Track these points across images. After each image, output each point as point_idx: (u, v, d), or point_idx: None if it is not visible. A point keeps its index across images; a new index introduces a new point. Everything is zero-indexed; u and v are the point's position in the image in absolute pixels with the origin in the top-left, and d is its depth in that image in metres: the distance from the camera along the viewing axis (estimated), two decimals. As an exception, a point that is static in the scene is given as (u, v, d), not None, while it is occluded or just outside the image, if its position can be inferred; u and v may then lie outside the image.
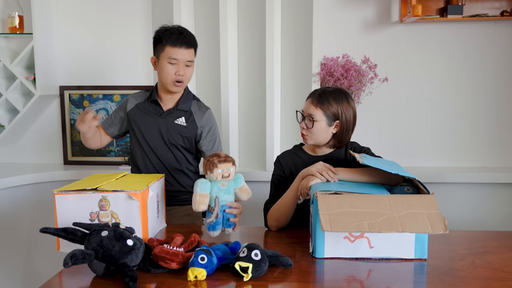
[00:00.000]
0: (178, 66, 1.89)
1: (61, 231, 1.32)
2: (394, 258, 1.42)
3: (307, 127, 1.73)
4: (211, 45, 2.61)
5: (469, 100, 2.65)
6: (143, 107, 2.01)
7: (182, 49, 1.88)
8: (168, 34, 1.87)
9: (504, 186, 2.54)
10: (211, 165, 1.54)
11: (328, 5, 2.62)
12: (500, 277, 1.30)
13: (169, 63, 1.88)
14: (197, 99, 2.06)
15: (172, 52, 1.87)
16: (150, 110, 2.00)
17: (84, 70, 2.82)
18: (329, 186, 1.50)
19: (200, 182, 1.54)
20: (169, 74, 1.89)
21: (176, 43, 1.86)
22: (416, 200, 1.41)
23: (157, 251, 1.32)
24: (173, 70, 1.89)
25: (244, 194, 1.62)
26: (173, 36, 1.86)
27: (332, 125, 1.73)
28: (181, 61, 1.89)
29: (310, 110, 1.73)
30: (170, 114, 1.98)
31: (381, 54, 2.63)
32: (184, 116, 1.98)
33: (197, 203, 1.53)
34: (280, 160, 1.85)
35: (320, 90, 1.76)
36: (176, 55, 1.87)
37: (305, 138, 1.77)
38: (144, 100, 2.03)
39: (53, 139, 2.89)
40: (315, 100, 1.73)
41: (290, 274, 1.32)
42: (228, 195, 1.57)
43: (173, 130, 1.97)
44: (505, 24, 2.57)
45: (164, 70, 1.90)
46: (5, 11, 2.72)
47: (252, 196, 1.63)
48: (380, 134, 2.69)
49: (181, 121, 1.98)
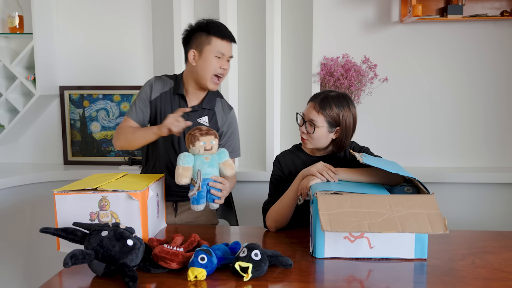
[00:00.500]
0: (223, 60, 1.82)
1: (61, 231, 1.32)
2: (394, 258, 1.42)
3: (308, 132, 1.72)
4: (211, 45, 2.60)
5: (469, 100, 2.65)
6: (168, 98, 1.90)
7: (229, 44, 1.82)
8: (214, 26, 1.79)
9: (504, 186, 2.54)
10: (192, 138, 1.53)
11: (328, 5, 2.62)
12: (500, 277, 1.30)
13: (215, 56, 1.80)
14: (221, 96, 1.99)
15: (220, 45, 1.80)
16: (174, 103, 1.89)
17: (84, 70, 2.82)
18: (329, 186, 1.50)
19: (183, 156, 1.54)
20: (214, 67, 1.80)
21: (224, 36, 1.80)
22: (416, 200, 1.41)
23: (157, 251, 1.32)
24: (218, 64, 1.81)
25: (228, 169, 1.59)
26: (220, 28, 1.79)
27: (332, 132, 1.73)
28: (226, 56, 1.83)
29: (311, 115, 1.71)
30: (194, 111, 1.88)
31: (381, 54, 2.63)
32: (208, 115, 1.91)
33: (179, 176, 1.52)
34: (280, 160, 1.84)
35: (323, 94, 1.73)
36: (224, 49, 1.81)
37: (304, 143, 1.77)
38: (169, 89, 1.91)
39: (53, 139, 2.89)
40: (318, 105, 1.71)
41: (290, 274, 1.32)
42: (211, 168, 1.55)
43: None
44: (505, 24, 2.57)
45: (210, 64, 1.80)
46: (5, 11, 2.72)
47: (252, 196, 1.64)
48: (380, 134, 2.69)
49: (204, 120, 1.90)
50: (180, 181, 1.53)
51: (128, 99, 2.80)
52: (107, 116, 2.82)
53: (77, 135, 2.85)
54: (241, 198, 2.48)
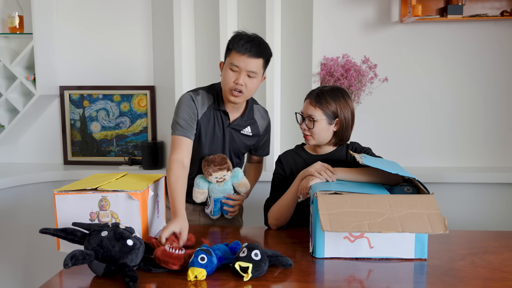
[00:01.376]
0: (240, 74, 1.71)
1: (60, 232, 1.32)
2: (394, 258, 1.42)
3: (308, 127, 1.74)
4: (211, 45, 2.61)
5: (469, 100, 2.65)
6: (210, 115, 1.82)
7: (245, 57, 1.69)
8: (237, 39, 1.72)
9: (504, 186, 2.54)
10: (206, 173, 1.77)
11: (328, 5, 2.62)
12: (500, 277, 1.30)
13: (230, 69, 1.72)
14: (255, 101, 1.96)
15: (235, 58, 1.70)
16: (217, 119, 1.83)
17: (84, 70, 2.82)
18: (329, 186, 1.50)
19: (198, 181, 1.82)
20: (227, 81, 1.72)
21: (241, 49, 1.69)
22: (416, 200, 1.41)
23: (159, 254, 1.32)
24: (233, 77, 1.72)
25: (242, 188, 1.85)
26: (240, 42, 1.71)
27: (332, 124, 1.74)
28: (243, 69, 1.70)
29: (309, 110, 1.74)
30: (238, 125, 1.86)
31: (381, 54, 2.63)
32: (250, 125, 1.89)
33: (195, 197, 1.82)
34: (282, 159, 1.86)
35: (317, 90, 1.77)
36: (238, 62, 1.70)
37: (307, 139, 1.77)
38: (211, 105, 1.83)
39: (53, 139, 2.89)
40: (313, 100, 1.73)
41: (290, 274, 1.32)
42: (223, 192, 1.82)
43: (239, 140, 1.87)
44: (505, 24, 2.57)
45: (224, 76, 1.74)
46: (5, 11, 2.72)
47: (252, 196, 1.65)
48: (380, 134, 2.69)
49: (247, 131, 1.88)
50: (196, 200, 1.83)
51: (128, 99, 2.80)
52: (107, 116, 2.82)
53: (77, 135, 2.85)
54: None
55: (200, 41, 2.65)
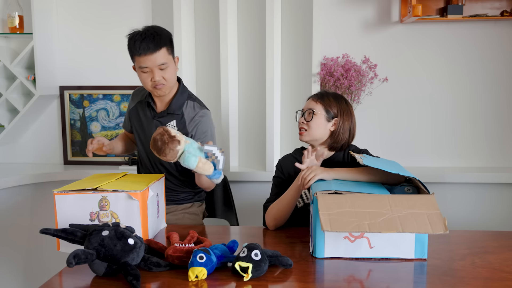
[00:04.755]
0: (152, 72, 1.76)
1: (60, 232, 1.32)
2: (394, 258, 1.42)
3: (306, 120, 1.76)
4: (211, 45, 2.61)
5: (469, 100, 2.65)
6: (140, 108, 1.97)
7: (148, 56, 1.73)
8: (132, 43, 1.75)
9: (504, 186, 2.54)
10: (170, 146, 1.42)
11: (328, 5, 2.62)
12: (500, 277, 1.30)
13: (142, 72, 1.78)
14: (193, 98, 1.95)
15: (140, 61, 1.75)
16: (145, 111, 1.95)
17: (84, 70, 2.81)
18: (329, 186, 1.50)
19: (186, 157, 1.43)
20: (146, 83, 1.80)
21: (140, 51, 1.73)
22: (416, 200, 1.41)
23: (171, 252, 1.33)
24: (148, 78, 1.78)
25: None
26: (136, 44, 1.73)
27: (330, 122, 1.75)
28: (153, 66, 1.76)
29: (310, 105, 1.79)
30: (162, 117, 1.90)
31: (381, 54, 2.63)
32: (176, 119, 1.89)
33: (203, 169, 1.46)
34: (281, 163, 1.88)
35: (322, 91, 1.85)
36: (145, 63, 1.75)
37: (302, 135, 1.78)
38: (143, 99, 1.98)
39: (53, 139, 2.89)
40: (316, 97, 1.81)
41: (290, 274, 1.32)
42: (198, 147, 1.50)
43: None
44: (505, 24, 2.57)
45: (141, 79, 1.81)
46: (5, 11, 2.72)
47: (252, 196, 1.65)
48: (380, 134, 2.69)
49: (172, 125, 1.89)
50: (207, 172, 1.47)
51: (128, 99, 2.79)
52: (107, 116, 2.82)
53: (77, 135, 2.85)
54: (241, 198, 2.48)
55: (200, 41, 2.65)
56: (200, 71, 2.67)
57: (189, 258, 1.31)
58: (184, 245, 1.35)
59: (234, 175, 2.53)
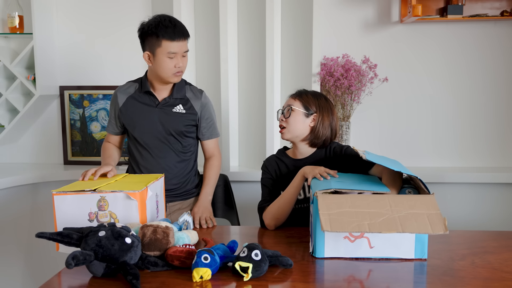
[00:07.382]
0: (177, 59, 1.87)
1: (56, 235, 1.31)
2: (394, 258, 1.42)
3: (285, 117, 1.79)
4: (211, 45, 2.60)
5: (469, 100, 2.65)
6: (137, 99, 1.98)
7: (180, 42, 1.86)
8: (163, 28, 1.84)
9: (504, 186, 2.54)
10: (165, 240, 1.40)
11: (328, 5, 2.62)
12: (500, 277, 1.30)
13: (168, 57, 1.86)
14: (188, 84, 2.05)
15: (170, 46, 1.84)
16: (145, 101, 1.97)
17: (84, 70, 2.81)
18: (329, 184, 1.50)
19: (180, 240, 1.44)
20: (169, 68, 1.87)
21: (173, 37, 1.84)
22: (416, 200, 1.41)
23: (171, 252, 1.32)
24: (172, 63, 1.87)
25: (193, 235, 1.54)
26: (168, 30, 1.84)
27: (309, 117, 1.77)
28: (179, 53, 1.87)
29: (289, 102, 1.82)
30: (167, 103, 1.96)
31: (381, 54, 2.62)
32: (181, 103, 1.97)
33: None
34: (266, 165, 1.90)
35: (301, 89, 1.88)
36: (174, 49, 1.85)
37: (282, 132, 1.82)
38: (135, 91, 1.99)
39: (53, 139, 2.89)
40: (295, 94, 1.85)
41: (290, 274, 1.32)
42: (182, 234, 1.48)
43: (173, 119, 1.95)
44: (505, 24, 2.57)
45: (164, 65, 1.87)
46: (5, 11, 2.72)
47: (253, 196, 1.65)
48: (380, 134, 2.69)
49: (179, 109, 1.97)
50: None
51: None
52: (107, 116, 2.82)
53: (77, 135, 2.85)
54: (241, 198, 2.48)
55: (200, 41, 2.65)
56: (200, 71, 2.67)
57: (189, 259, 1.31)
58: (184, 246, 1.35)
59: (234, 175, 2.53)
